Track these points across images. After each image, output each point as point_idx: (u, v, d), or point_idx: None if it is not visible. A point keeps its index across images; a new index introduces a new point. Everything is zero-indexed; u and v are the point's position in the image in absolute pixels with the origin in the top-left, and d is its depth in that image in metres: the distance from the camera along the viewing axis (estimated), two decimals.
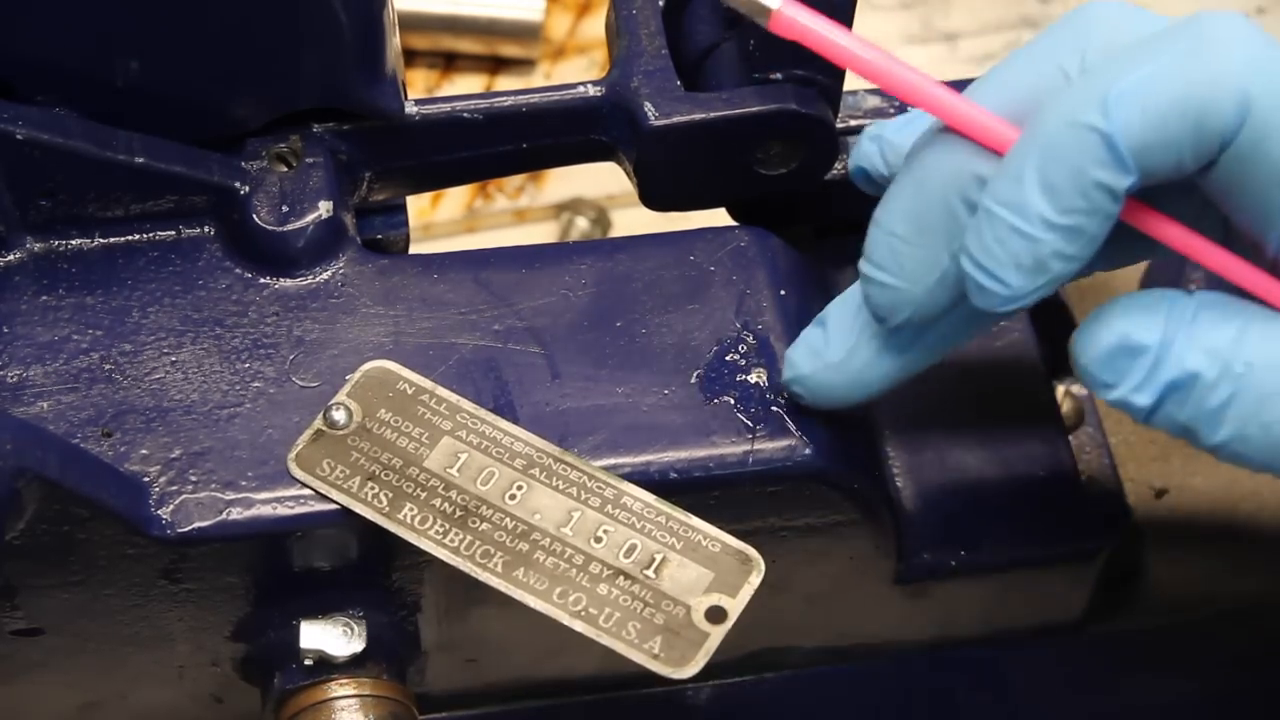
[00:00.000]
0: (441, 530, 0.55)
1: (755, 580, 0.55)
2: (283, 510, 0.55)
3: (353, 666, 0.58)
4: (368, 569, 0.58)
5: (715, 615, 0.55)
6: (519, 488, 0.56)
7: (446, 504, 0.55)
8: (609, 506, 0.56)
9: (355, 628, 0.58)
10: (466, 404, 0.57)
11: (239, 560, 0.56)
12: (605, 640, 0.54)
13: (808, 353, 0.56)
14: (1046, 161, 0.49)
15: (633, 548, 0.55)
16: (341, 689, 0.58)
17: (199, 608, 0.58)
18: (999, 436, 0.62)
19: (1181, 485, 0.69)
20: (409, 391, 0.57)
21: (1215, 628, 0.71)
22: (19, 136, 0.56)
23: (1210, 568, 0.70)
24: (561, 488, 0.56)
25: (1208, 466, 0.69)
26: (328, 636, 0.58)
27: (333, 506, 0.55)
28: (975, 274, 0.50)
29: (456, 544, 0.55)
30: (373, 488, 0.55)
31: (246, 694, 0.61)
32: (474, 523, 0.55)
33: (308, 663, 0.58)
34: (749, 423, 0.56)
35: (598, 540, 0.55)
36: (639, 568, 0.55)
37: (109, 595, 0.57)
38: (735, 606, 0.55)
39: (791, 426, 0.57)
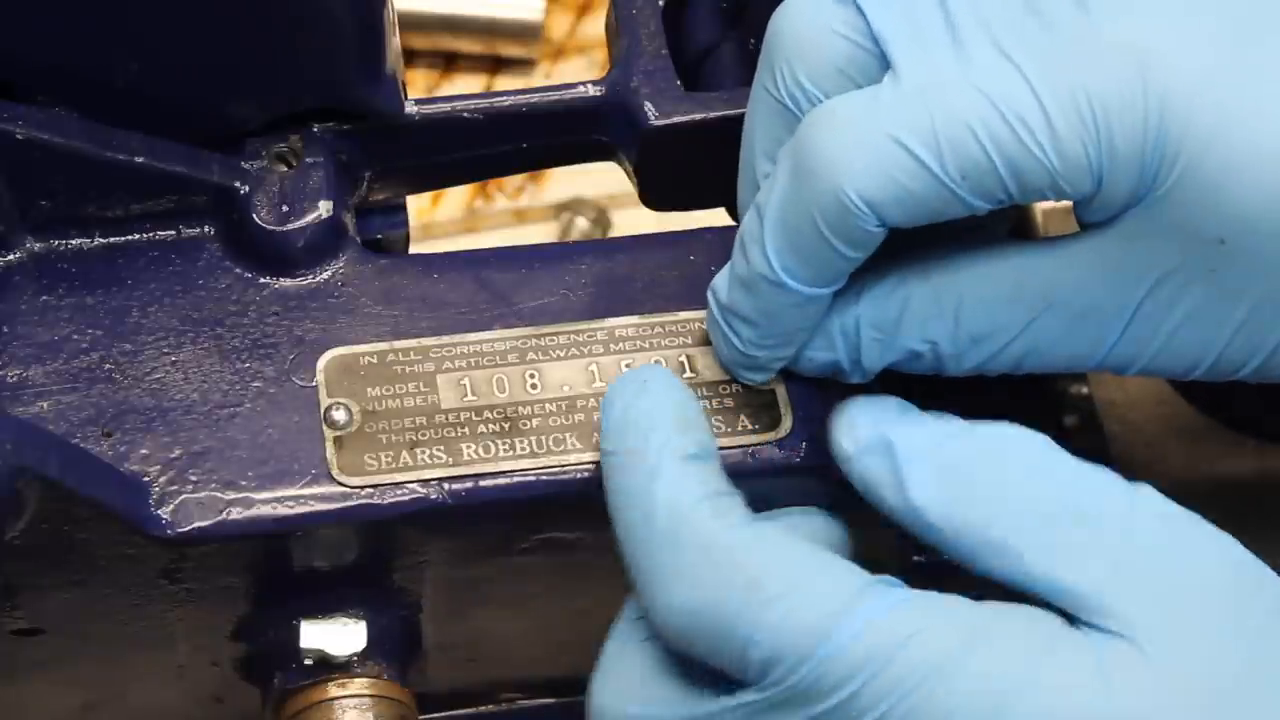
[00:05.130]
0: (509, 448, 0.55)
1: None
2: (283, 510, 0.55)
3: (353, 666, 0.58)
4: (368, 569, 0.58)
5: None
6: (531, 375, 0.56)
7: (490, 425, 0.56)
8: (612, 346, 0.57)
9: (355, 628, 0.58)
10: (428, 339, 0.57)
11: (239, 560, 0.56)
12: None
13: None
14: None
15: (660, 366, 0.57)
16: (341, 689, 0.58)
17: (199, 608, 0.58)
18: None
19: (1182, 485, 0.69)
20: (374, 361, 0.57)
21: None
22: (19, 136, 0.56)
23: None
24: (564, 355, 0.57)
25: (1208, 467, 0.69)
26: (328, 636, 0.58)
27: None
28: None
29: (529, 450, 0.55)
30: (423, 451, 0.55)
31: (246, 694, 0.61)
32: (524, 424, 0.56)
33: (308, 663, 0.58)
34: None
35: None
36: (680, 376, 0.56)
37: (109, 595, 0.57)
38: None
39: (790, 424, 0.57)
